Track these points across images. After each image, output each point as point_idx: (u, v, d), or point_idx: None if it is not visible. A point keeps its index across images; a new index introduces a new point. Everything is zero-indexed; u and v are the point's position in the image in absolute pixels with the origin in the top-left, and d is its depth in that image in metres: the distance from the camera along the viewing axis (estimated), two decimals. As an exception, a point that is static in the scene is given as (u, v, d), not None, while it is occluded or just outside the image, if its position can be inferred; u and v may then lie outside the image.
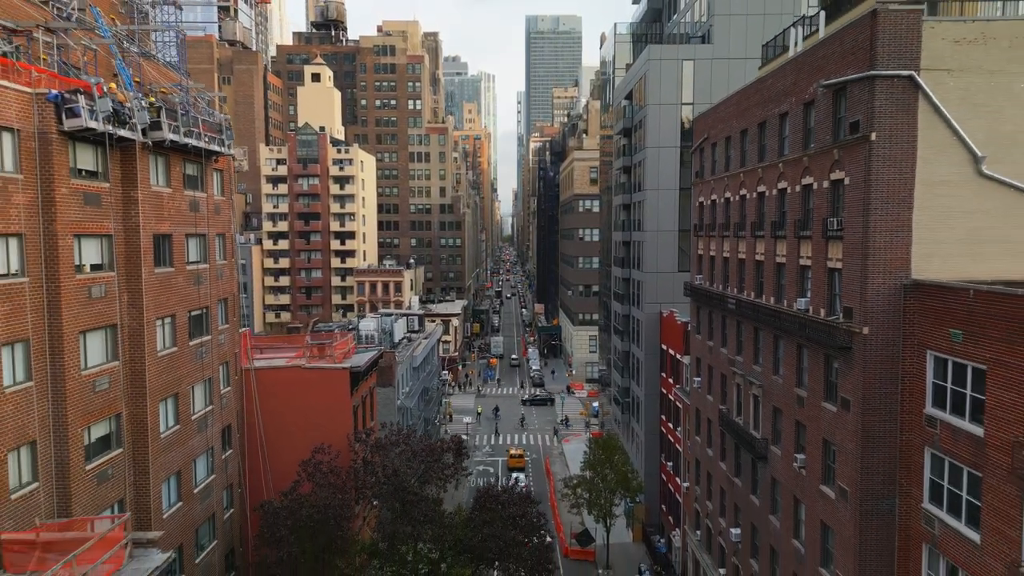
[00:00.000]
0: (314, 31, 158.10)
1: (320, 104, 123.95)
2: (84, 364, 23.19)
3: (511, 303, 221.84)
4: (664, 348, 54.06)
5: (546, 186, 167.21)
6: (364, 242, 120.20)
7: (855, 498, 23.26)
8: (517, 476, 63.81)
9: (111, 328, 24.65)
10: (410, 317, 75.95)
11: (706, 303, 39.76)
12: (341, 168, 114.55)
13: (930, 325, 21.23)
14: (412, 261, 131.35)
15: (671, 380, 51.22)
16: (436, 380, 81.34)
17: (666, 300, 55.01)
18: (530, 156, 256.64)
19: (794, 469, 28.12)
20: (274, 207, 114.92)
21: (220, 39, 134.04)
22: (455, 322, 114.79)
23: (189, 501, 29.34)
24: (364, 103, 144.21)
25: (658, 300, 56.23)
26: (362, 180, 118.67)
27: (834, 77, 24.03)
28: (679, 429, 48.12)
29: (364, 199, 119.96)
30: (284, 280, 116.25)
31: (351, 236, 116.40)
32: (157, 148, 26.47)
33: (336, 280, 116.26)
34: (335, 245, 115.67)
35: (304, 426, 38.44)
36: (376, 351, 48.87)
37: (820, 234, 25.58)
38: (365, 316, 73.63)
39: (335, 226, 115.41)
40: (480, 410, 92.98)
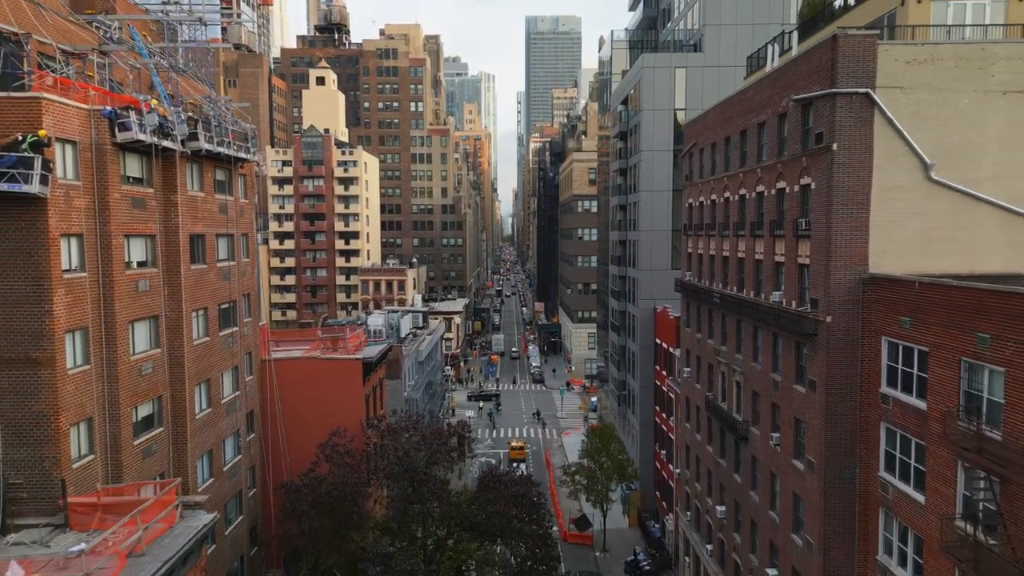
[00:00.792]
0: (317, 34, 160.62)
1: (324, 107, 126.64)
2: (132, 350, 25.97)
3: (511, 302, 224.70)
4: (658, 342, 56.83)
5: (546, 186, 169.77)
6: (368, 242, 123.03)
7: (820, 469, 26.05)
8: (519, 467, 66.61)
9: (154, 319, 27.44)
10: (415, 314, 78.77)
11: (695, 298, 42.55)
12: (345, 169, 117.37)
13: (884, 313, 24.01)
14: (415, 260, 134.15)
15: (664, 372, 54.00)
16: (440, 375, 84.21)
17: (660, 296, 57.83)
18: (530, 156, 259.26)
19: (770, 447, 30.92)
20: (280, 208, 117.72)
21: (225, 42, 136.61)
22: (457, 320, 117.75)
23: (219, 477, 32.16)
24: (367, 105, 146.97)
25: (652, 296, 59.07)
26: (366, 181, 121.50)
27: (802, 93, 26.80)
28: (672, 419, 50.91)
29: (368, 200, 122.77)
30: (290, 279, 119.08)
31: (355, 236, 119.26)
32: (193, 156, 29.27)
33: (341, 279, 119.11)
34: (339, 245, 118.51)
35: (319, 413, 41.16)
36: (385, 344, 51.66)
37: (792, 233, 28.36)
38: (372, 312, 76.47)
39: (340, 226, 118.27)
40: (481, 405, 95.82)
